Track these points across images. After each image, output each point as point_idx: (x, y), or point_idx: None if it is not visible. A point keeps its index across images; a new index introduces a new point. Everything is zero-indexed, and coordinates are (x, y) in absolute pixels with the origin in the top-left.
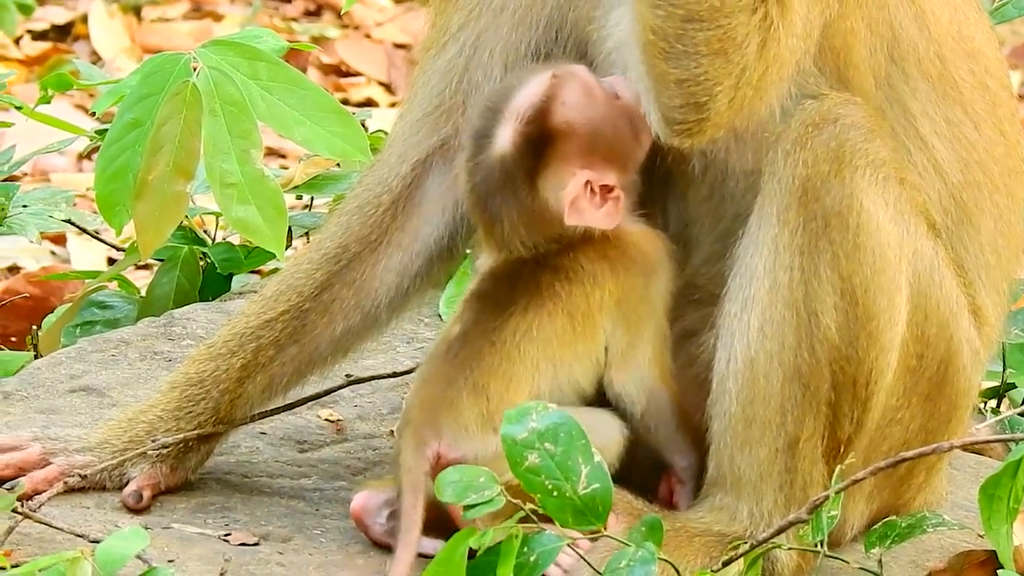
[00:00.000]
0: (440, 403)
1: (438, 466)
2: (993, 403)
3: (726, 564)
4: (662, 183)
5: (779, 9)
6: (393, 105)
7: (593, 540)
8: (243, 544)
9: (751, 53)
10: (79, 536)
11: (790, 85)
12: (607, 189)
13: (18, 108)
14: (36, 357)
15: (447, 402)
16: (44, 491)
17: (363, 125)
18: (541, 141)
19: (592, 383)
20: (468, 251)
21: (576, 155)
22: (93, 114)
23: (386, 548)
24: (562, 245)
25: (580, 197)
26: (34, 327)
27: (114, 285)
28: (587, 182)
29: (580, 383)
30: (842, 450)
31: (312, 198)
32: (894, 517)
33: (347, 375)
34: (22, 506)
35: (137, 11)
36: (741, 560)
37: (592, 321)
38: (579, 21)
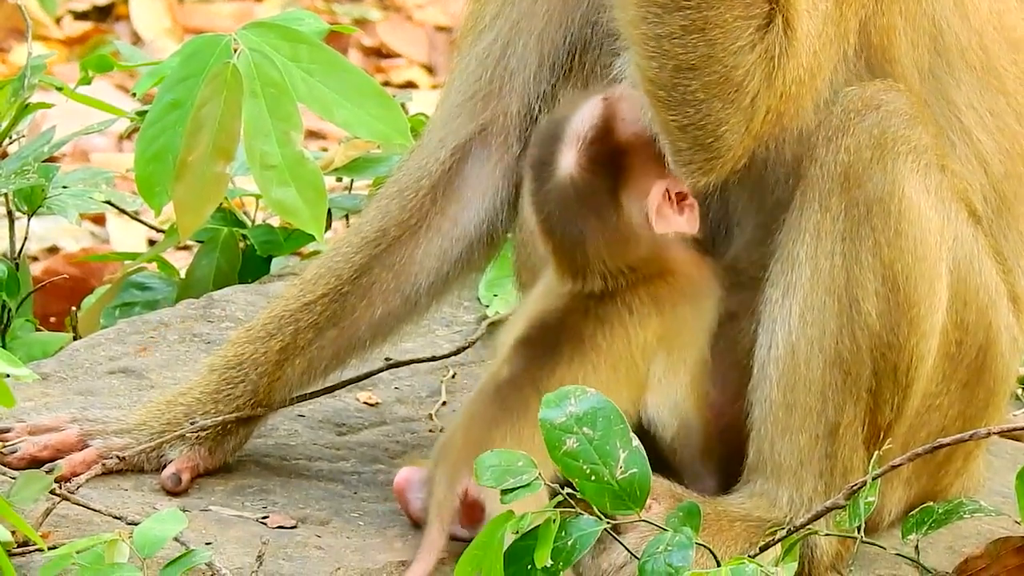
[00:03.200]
0: (482, 445)
1: (465, 502)
2: None
3: (763, 550)
4: None
5: (784, 38)
6: (435, 87)
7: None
8: (281, 527)
9: (755, 88)
10: (117, 518)
11: (826, 89)
12: (682, 196)
13: (59, 89)
14: (75, 338)
15: (490, 445)
16: (82, 473)
17: (404, 107)
18: (612, 159)
19: (637, 424)
20: (508, 236)
21: (650, 166)
22: (134, 95)
23: (423, 527)
24: (637, 275)
25: (663, 204)
26: (73, 308)
27: (153, 266)
28: (666, 190)
29: None
30: (882, 436)
31: (352, 180)
32: (931, 503)
33: (386, 358)
34: (60, 488)
35: None
36: (779, 546)
37: (636, 368)
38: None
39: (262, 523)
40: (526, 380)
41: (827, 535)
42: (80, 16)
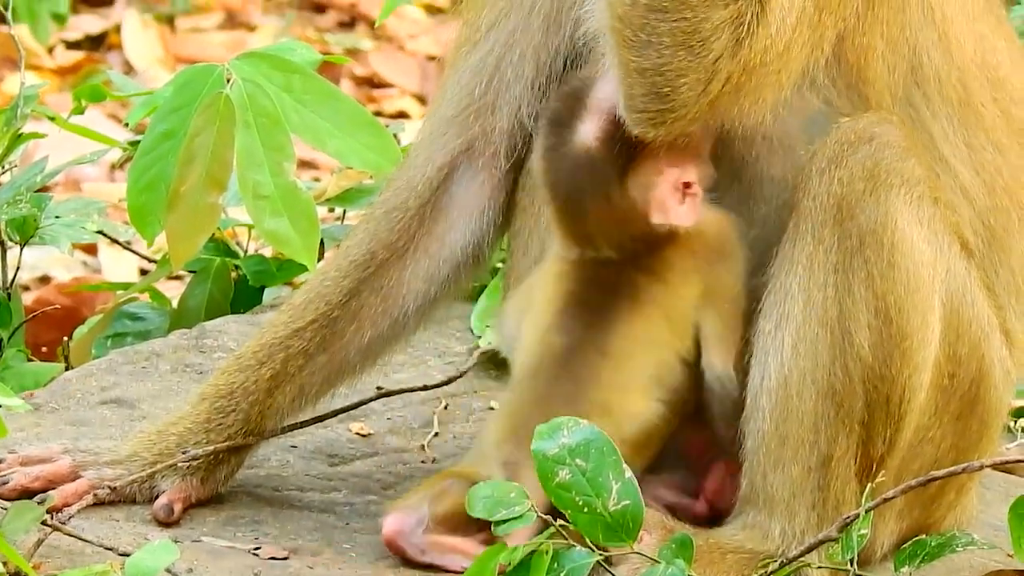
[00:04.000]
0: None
1: None
2: (1023, 423)
3: None
4: None
5: (758, 6)
6: None
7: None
8: (273, 558)
9: (720, 49)
10: (108, 549)
11: (793, 94)
12: (687, 186)
13: (51, 118)
14: (67, 368)
15: (560, 414)
16: (73, 504)
17: (396, 138)
18: (630, 138)
19: (680, 379)
20: (498, 263)
21: (663, 153)
22: (126, 125)
23: (420, 567)
24: (646, 244)
25: (667, 196)
26: (65, 338)
27: (145, 297)
28: (673, 180)
29: (674, 383)
30: (874, 469)
31: (344, 210)
32: (924, 536)
33: (378, 387)
34: (51, 519)
35: (171, 21)
36: None
37: (686, 320)
38: None
39: (254, 554)
40: (589, 345)
41: (820, 567)
42: (72, 45)
